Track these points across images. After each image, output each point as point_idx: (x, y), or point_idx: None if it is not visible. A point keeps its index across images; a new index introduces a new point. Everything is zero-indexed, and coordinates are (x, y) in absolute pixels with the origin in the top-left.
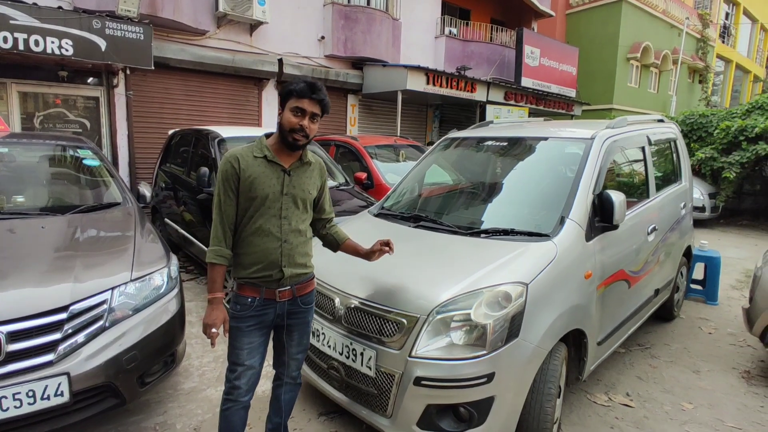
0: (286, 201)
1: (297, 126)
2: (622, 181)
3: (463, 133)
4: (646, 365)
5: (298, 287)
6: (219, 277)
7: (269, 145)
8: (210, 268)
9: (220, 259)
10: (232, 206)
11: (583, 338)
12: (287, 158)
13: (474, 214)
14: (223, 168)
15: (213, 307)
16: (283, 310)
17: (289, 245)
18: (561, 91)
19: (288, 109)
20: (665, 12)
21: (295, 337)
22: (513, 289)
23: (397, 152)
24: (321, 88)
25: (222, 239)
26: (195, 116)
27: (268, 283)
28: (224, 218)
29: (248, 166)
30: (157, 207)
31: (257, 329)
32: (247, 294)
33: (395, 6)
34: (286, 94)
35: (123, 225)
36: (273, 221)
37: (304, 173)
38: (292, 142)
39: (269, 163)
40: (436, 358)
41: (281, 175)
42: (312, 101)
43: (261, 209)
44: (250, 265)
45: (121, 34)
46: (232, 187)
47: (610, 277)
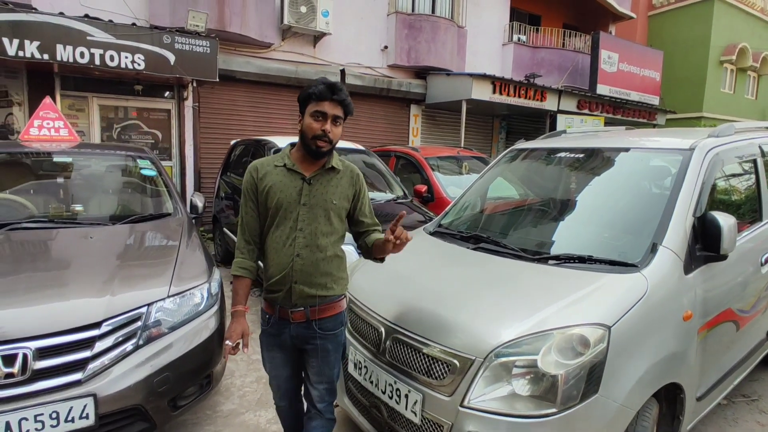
0: (303, 211)
1: (319, 131)
2: (729, 201)
3: (532, 144)
4: (754, 422)
5: (313, 310)
6: (242, 290)
7: (292, 153)
8: (234, 279)
9: (242, 272)
10: (253, 217)
11: (679, 392)
12: (310, 166)
13: (543, 236)
14: (245, 179)
15: (233, 320)
16: (298, 332)
17: (302, 260)
18: (642, 99)
19: (308, 114)
20: (763, 10)
21: (313, 364)
22: (591, 332)
23: (460, 164)
24: (341, 89)
25: (245, 251)
26: (259, 127)
27: (282, 300)
28: (246, 229)
29: (266, 174)
30: (217, 216)
31: (277, 346)
32: (266, 310)
33: (461, 13)
34: (305, 98)
35: (170, 237)
36: (288, 233)
37: (329, 181)
38: (316, 149)
39: (289, 171)
40: (494, 412)
41: (300, 184)
42: (333, 103)
43: (277, 219)
44: (269, 278)
45: (188, 48)
46: (251, 197)
47: (714, 318)
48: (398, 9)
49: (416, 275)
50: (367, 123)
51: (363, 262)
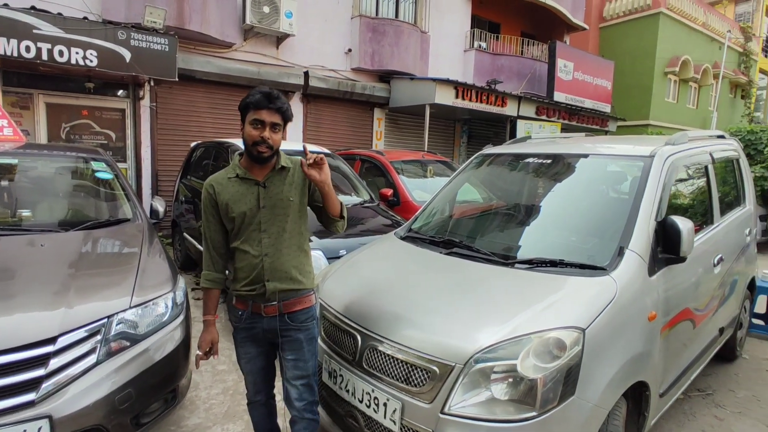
0: (264, 214)
1: (258, 138)
2: (684, 205)
3: (499, 149)
4: (711, 416)
5: (286, 303)
6: (211, 300)
7: (241, 163)
8: (203, 291)
9: (210, 284)
10: (216, 231)
11: (644, 390)
12: (261, 171)
13: (515, 241)
14: (202, 197)
15: (204, 329)
16: (271, 326)
17: (271, 258)
18: (595, 106)
19: (247, 122)
20: (705, 25)
21: (289, 358)
22: (567, 335)
23: (424, 168)
24: (278, 97)
25: (211, 264)
26: (220, 129)
27: (255, 297)
28: (209, 243)
29: (223, 189)
30: (177, 221)
31: (250, 341)
32: (237, 306)
33: (424, 19)
34: (243, 107)
35: (130, 243)
36: (254, 236)
37: (283, 180)
38: (257, 155)
39: (242, 180)
40: (475, 417)
41: (256, 189)
42: (270, 111)
43: (242, 226)
44: (240, 280)
45: (146, 45)
46: (212, 212)
47: (675, 317)
48: (362, 12)
49: (391, 281)
50: (331, 126)
51: (334, 269)
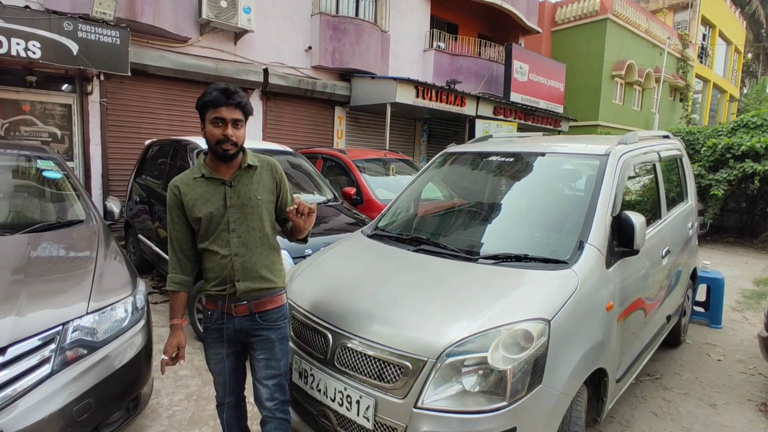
0: (232, 213)
1: (221, 137)
2: (635, 201)
3: (462, 148)
4: (660, 398)
5: (257, 303)
6: (177, 304)
7: (206, 162)
8: (170, 294)
9: (176, 287)
10: (182, 232)
11: (603, 377)
12: (227, 169)
13: (480, 237)
14: (168, 197)
15: (171, 333)
16: (242, 326)
17: (241, 258)
18: (549, 107)
19: (208, 121)
20: (648, 31)
21: (260, 358)
22: (534, 327)
23: (387, 166)
24: (236, 91)
25: (177, 266)
26: (175, 126)
27: (225, 297)
28: (176, 245)
29: (188, 189)
30: (130, 222)
31: (220, 342)
32: (208, 306)
33: (384, 18)
34: (202, 106)
35: (84, 246)
36: (222, 236)
37: (250, 179)
38: (223, 153)
39: (208, 180)
40: (447, 410)
41: (222, 189)
42: (229, 107)
43: (210, 227)
44: (210, 280)
45: (95, 37)
46: (178, 213)
47: (629, 307)
48: (322, 10)
49: (360, 279)
50: (291, 124)
51: (302, 268)
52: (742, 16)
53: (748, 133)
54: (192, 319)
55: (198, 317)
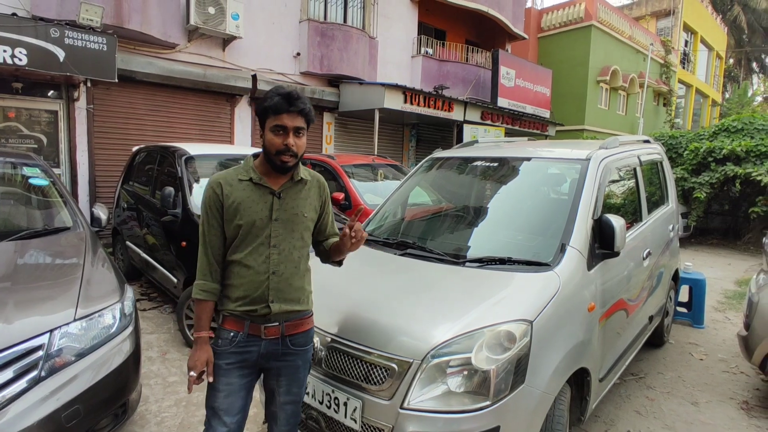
0: (276, 227)
1: (282, 147)
2: (617, 204)
3: (448, 153)
4: (643, 397)
5: (288, 325)
6: (205, 314)
7: (256, 166)
8: (196, 304)
9: (206, 295)
10: (217, 236)
11: (586, 376)
12: (277, 179)
13: (465, 241)
14: (205, 194)
15: (197, 348)
16: (269, 349)
17: (278, 277)
18: (536, 112)
19: (268, 129)
20: (631, 38)
21: (283, 383)
22: (516, 327)
23: (375, 172)
24: (299, 97)
25: (208, 272)
26: (162, 133)
27: (254, 317)
28: (209, 249)
29: (232, 190)
30: (118, 229)
31: (238, 368)
32: (229, 327)
33: (372, 24)
34: (262, 112)
35: (71, 253)
36: (261, 250)
37: (298, 194)
38: (281, 164)
39: (256, 186)
40: (433, 410)
41: (270, 199)
42: (291, 114)
43: (248, 237)
44: (236, 299)
45: (81, 44)
46: (215, 215)
47: (611, 308)
48: (310, 16)
49: (347, 283)
50: None
51: None
52: (724, 22)
53: (729, 137)
54: (181, 326)
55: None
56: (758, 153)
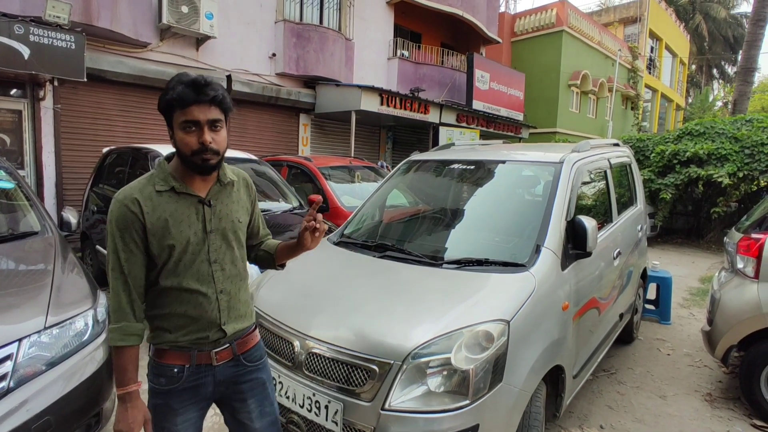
0: (214, 240)
1: (197, 146)
2: (588, 206)
3: (426, 156)
4: (614, 392)
5: (239, 343)
6: (131, 364)
7: (173, 171)
8: (117, 353)
9: (132, 340)
10: (138, 264)
11: (560, 373)
12: (201, 184)
13: (443, 243)
14: (118, 215)
15: (127, 406)
16: (225, 375)
17: (227, 296)
18: (510, 115)
19: (177, 127)
20: (600, 43)
21: (252, 407)
22: (494, 327)
23: (352, 174)
24: (208, 83)
25: (129, 311)
26: (134, 134)
27: (201, 345)
28: (129, 282)
29: (154, 206)
30: (87, 233)
31: (194, 404)
32: (172, 362)
33: (348, 26)
34: (166, 108)
35: (40, 259)
36: (203, 269)
37: (229, 197)
38: (203, 164)
39: (180, 195)
40: (413, 410)
41: (199, 208)
42: (202, 106)
43: (184, 258)
44: (177, 329)
45: (48, 41)
46: (134, 238)
47: (584, 306)
48: (286, 17)
49: (327, 286)
50: (256, 131)
51: (268, 277)
52: (686, 29)
53: (693, 140)
54: None
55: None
56: (719, 156)
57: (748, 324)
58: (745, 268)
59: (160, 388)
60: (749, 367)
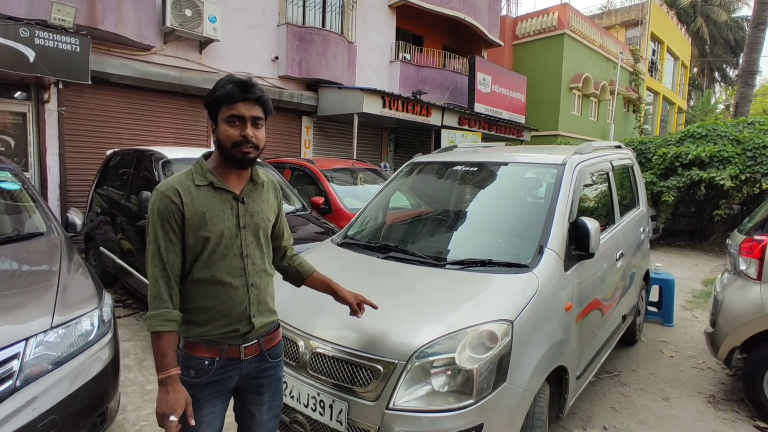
0: (246, 236)
1: (239, 138)
2: (591, 207)
3: (428, 158)
4: (618, 394)
5: (266, 339)
6: (171, 349)
7: (212, 168)
8: (157, 339)
9: (170, 325)
10: (177, 253)
11: (564, 374)
12: (236, 181)
13: (446, 244)
14: (159, 205)
15: (168, 389)
16: (250, 369)
17: (257, 290)
18: (511, 117)
19: (222, 120)
20: (602, 46)
21: (265, 400)
22: (498, 327)
23: (354, 176)
24: (255, 84)
25: (168, 298)
26: (138, 136)
27: (231, 339)
28: (168, 270)
29: (193, 198)
30: (91, 234)
31: (219, 396)
32: (202, 354)
33: (350, 29)
34: (214, 102)
35: (46, 259)
36: (235, 263)
37: (260, 197)
38: (242, 156)
39: (216, 191)
40: (418, 410)
41: (234, 205)
42: (248, 103)
43: (218, 251)
44: (206, 322)
45: (53, 44)
46: (174, 228)
47: (587, 307)
48: (289, 20)
49: None
50: None
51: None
52: (688, 33)
53: (695, 143)
54: None
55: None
56: (721, 158)
57: (751, 326)
58: (747, 270)
59: (190, 380)
60: (752, 369)
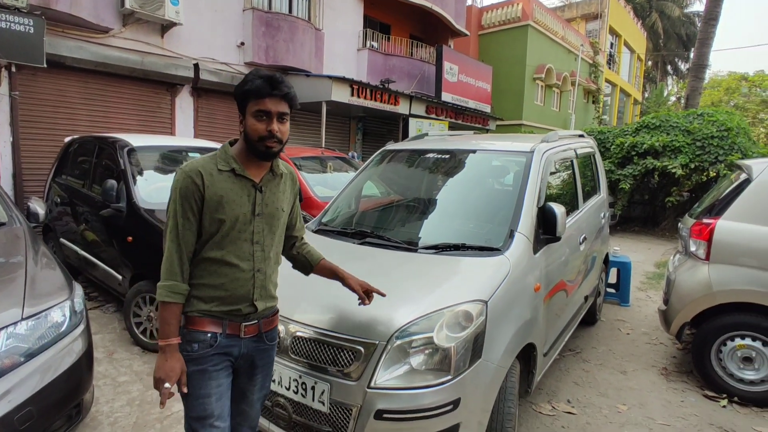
0: (259, 223)
1: (265, 133)
2: (556, 194)
3: (400, 146)
4: (580, 370)
5: (265, 321)
6: (175, 319)
7: (235, 155)
8: (163, 308)
9: (177, 297)
10: (192, 231)
11: (532, 351)
12: (257, 171)
13: (420, 229)
14: (182, 185)
15: (167, 356)
16: (248, 348)
17: (263, 275)
18: (477, 107)
19: (249, 114)
20: (564, 38)
21: (257, 380)
22: (473, 307)
23: (324, 164)
24: (282, 80)
25: (178, 272)
26: (97, 122)
27: (232, 316)
28: (182, 246)
29: (213, 182)
30: (50, 225)
31: (224, 369)
32: (205, 328)
33: (317, 16)
34: (242, 96)
35: (10, 250)
36: (245, 247)
37: (277, 187)
38: (266, 150)
39: (237, 177)
40: (398, 387)
41: (252, 192)
42: (274, 99)
43: (231, 234)
44: (212, 299)
45: (5, 25)
46: (193, 208)
47: (553, 288)
48: (254, 5)
49: None
50: (225, 121)
51: None
52: (643, 27)
53: (649, 133)
54: (128, 324)
55: (138, 324)
56: (673, 148)
57: (699, 302)
58: (697, 251)
59: (194, 353)
60: (701, 343)
